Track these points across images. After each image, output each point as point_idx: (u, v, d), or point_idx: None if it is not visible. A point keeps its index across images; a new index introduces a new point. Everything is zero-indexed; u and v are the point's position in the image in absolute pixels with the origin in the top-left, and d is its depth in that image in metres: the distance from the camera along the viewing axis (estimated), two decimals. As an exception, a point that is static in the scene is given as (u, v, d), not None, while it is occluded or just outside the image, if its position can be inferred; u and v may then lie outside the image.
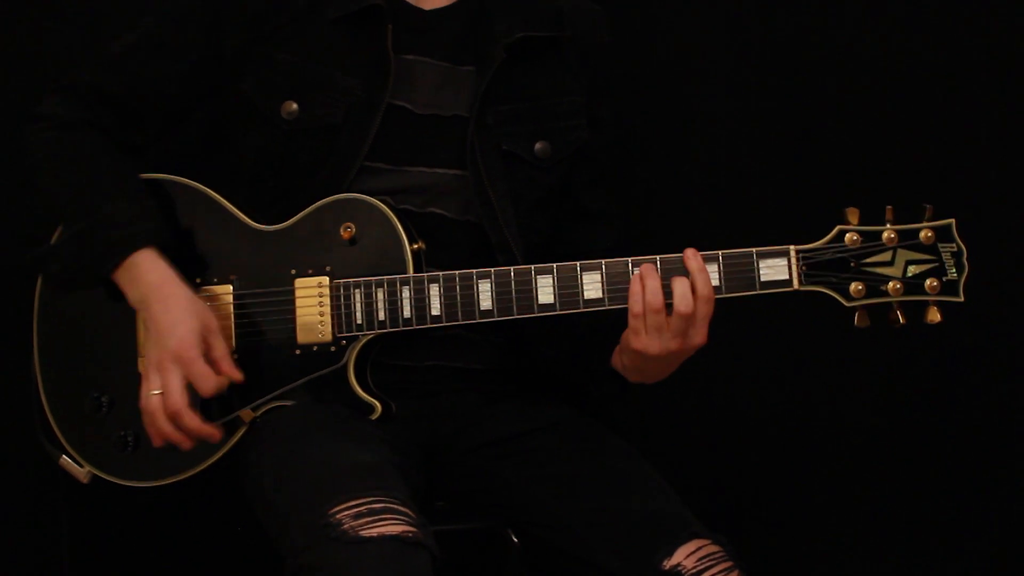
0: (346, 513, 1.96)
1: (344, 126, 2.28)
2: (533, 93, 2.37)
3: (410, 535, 1.96)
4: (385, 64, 2.28)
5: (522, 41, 2.33)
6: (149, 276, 2.20)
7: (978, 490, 2.89)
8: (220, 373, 2.19)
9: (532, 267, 2.19)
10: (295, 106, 2.29)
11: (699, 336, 2.13)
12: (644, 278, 2.12)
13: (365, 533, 1.94)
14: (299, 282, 2.26)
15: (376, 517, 1.95)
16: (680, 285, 2.11)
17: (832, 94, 2.84)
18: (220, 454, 2.27)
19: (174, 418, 2.17)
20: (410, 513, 1.99)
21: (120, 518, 2.73)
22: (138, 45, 2.33)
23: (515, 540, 2.38)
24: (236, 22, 2.29)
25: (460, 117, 2.32)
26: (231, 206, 2.31)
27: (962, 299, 2.11)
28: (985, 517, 2.90)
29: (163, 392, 2.17)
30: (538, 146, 2.37)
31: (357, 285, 2.24)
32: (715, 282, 2.13)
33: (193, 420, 2.18)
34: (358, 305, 2.24)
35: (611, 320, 2.21)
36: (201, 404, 2.26)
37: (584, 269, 2.18)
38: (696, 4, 2.88)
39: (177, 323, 2.17)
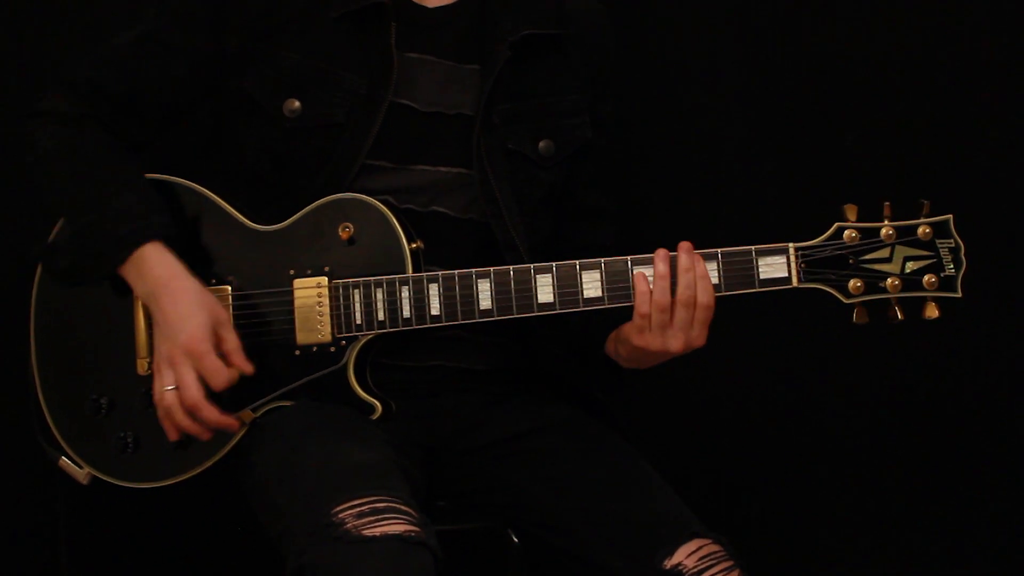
0: (348, 512, 1.96)
1: (346, 124, 2.28)
2: (537, 91, 2.37)
3: (413, 534, 1.95)
4: (388, 62, 2.28)
5: (526, 39, 2.33)
6: (157, 270, 2.20)
7: (978, 488, 2.90)
8: (231, 366, 2.19)
9: (531, 266, 2.19)
10: (297, 104, 2.29)
11: (699, 340, 2.14)
12: (657, 277, 2.12)
13: (368, 532, 1.94)
14: (298, 283, 2.26)
15: (379, 516, 1.95)
16: (685, 276, 2.12)
17: (830, 91, 2.85)
18: (220, 455, 2.27)
19: (193, 412, 2.17)
20: (412, 512, 1.99)
21: (119, 519, 2.73)
22: (138, 42, 2.32)
23: (515, 540, 2.38)
24: (238, 20, 2.28)
25: (464, 115, 2.32)
26: (229, 207, 2.30)
27: (960, 295, 2.11)
28: (985, 516, 2.90)
29: (178, 387, 2.17)
30: (541, 144, 2.37)
31: (356, 285, 2.24)
32: (714, 280, 2.14)
33: (212, 412, 2.18)
34: (357, 305, 2.24)
35: (604, 309, 2.21)
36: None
37: (583, 268, 2.18)
38: (697, 3, 2.88)
39: (187, 317, 2.17)
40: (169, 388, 2.18)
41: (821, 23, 2.85)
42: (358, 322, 2.24)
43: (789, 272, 2.13)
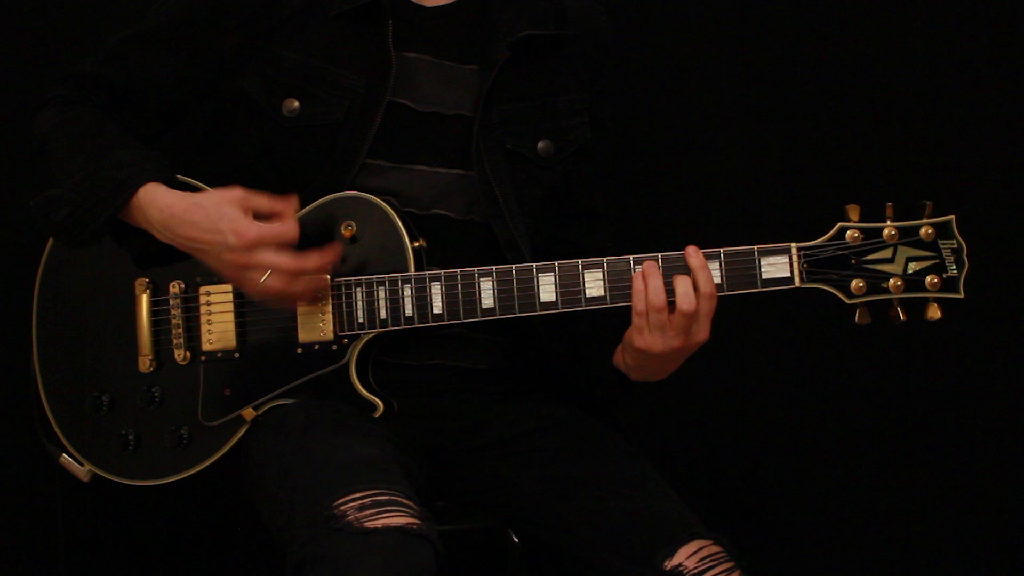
0: (350, 505, 1.96)
1: (345, 123, 2.28)
2: (536, 92, 2.37)
3: (414, 527, 1.96)
4: (386, 61, 2.29)
5: (525, 40, 2.33)
6: (165, 199, 2.18)
7: (978, 489, 2.90)
8: (277, 214, 2.17)
9: (534, 265, 2.19)
10: (296, 103, 2.29)
11: (702, 332, 2.14)
12: (647, 277, 2.13)
13: (370, 524, 1.94)
14: (301, 280, 2.26)
15: (380, 509, 1.96)
16: (682, 283, 2.11)
17: (832, 92, 2.86)
18: (221, 453, 2.27)
19: (300, 273, 2.16)
20: (414, 505, 1.99)
21: (119, 517, 2.73)
22: (138, 38, 2.33)
23: (515, 540, 2.38)
24: (236, 19, 2.29)
25: (462, 116, 2.32)
26: (232, 204, 2.30)
27: (962, 296, 2.11)
28: (985, 516, 2.90)
29: (272, 267, 2.14)
30: (541, 145, 2.37)
31: (358, 283, 2.24)
32: (717, 280, 2.14)
33: (313, 259, 2.16)
34: (359, 303, 2.24)
35: (612, 319, 2.21)
36: (202, 404, 2.27)
37: (586, 267, 2.18)
38: (697, 3, 2.89)
39: (219, 219, 2.14)
40: (265, 278, 2.14)
41: (821, 23, 2.86)
42: (360, 320, 2.24)
43: (791, 272, 2.13)
